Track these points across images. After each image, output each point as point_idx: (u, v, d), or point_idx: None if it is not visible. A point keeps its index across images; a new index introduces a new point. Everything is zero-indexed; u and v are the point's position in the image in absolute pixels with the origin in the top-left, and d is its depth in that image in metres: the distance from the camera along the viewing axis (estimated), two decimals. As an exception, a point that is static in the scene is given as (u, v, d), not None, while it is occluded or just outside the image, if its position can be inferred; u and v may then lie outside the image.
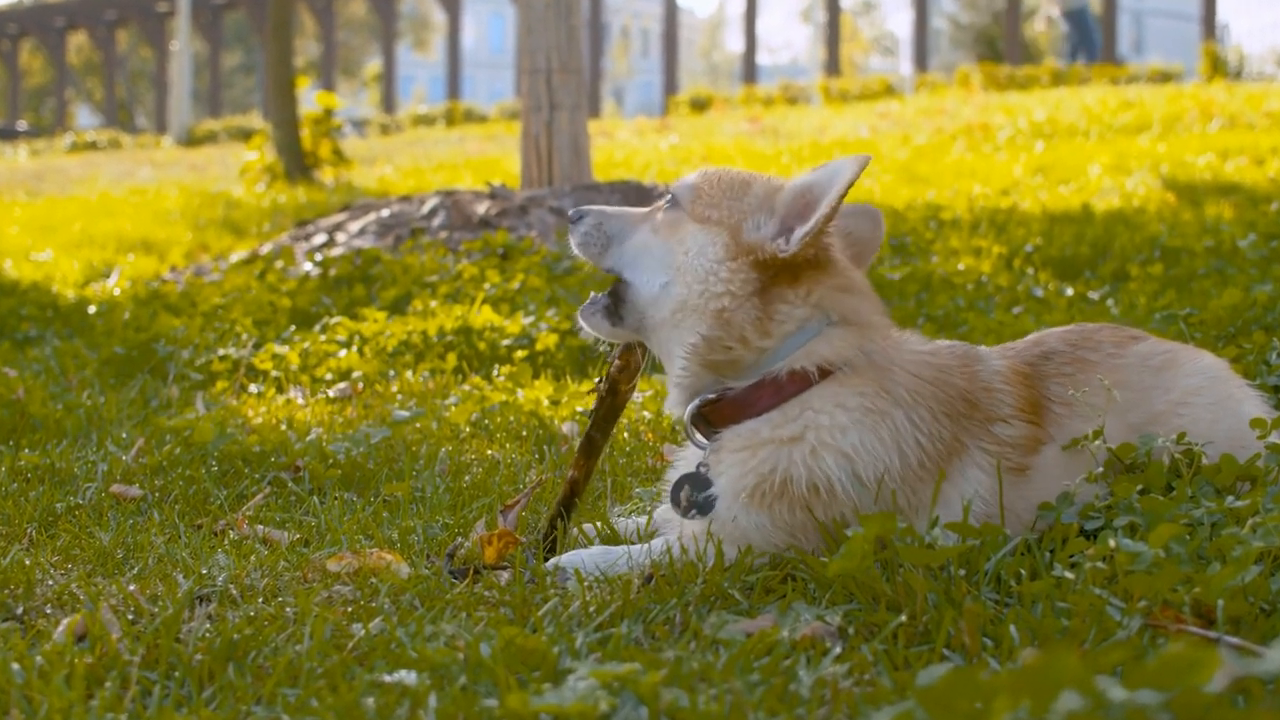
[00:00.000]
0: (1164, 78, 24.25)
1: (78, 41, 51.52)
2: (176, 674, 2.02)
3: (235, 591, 2.41)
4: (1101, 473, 2.60)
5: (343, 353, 5.26)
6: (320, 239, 8.10)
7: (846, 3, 52.62)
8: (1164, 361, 2.79)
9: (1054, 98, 18.71)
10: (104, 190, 16.53)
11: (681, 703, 1.78)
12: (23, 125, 43.20)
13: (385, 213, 8.24)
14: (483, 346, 5.27)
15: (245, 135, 22.97)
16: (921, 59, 31.61)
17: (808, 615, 2.15)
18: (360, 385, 4.94)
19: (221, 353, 5.44)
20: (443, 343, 5.29)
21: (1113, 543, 2.14)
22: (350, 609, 2.29)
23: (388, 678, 1.93)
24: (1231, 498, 2.45)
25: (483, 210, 7.89)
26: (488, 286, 6.09)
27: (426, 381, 4.87)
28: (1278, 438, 2.73)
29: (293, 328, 5.86)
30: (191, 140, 30.01)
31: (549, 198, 7.89)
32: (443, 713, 1.82)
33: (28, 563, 2.61)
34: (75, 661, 2.02)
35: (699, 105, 28.45)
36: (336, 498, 3.27)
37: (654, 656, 1.94)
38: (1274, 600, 2.07)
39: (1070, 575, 2.15)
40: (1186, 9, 52.86)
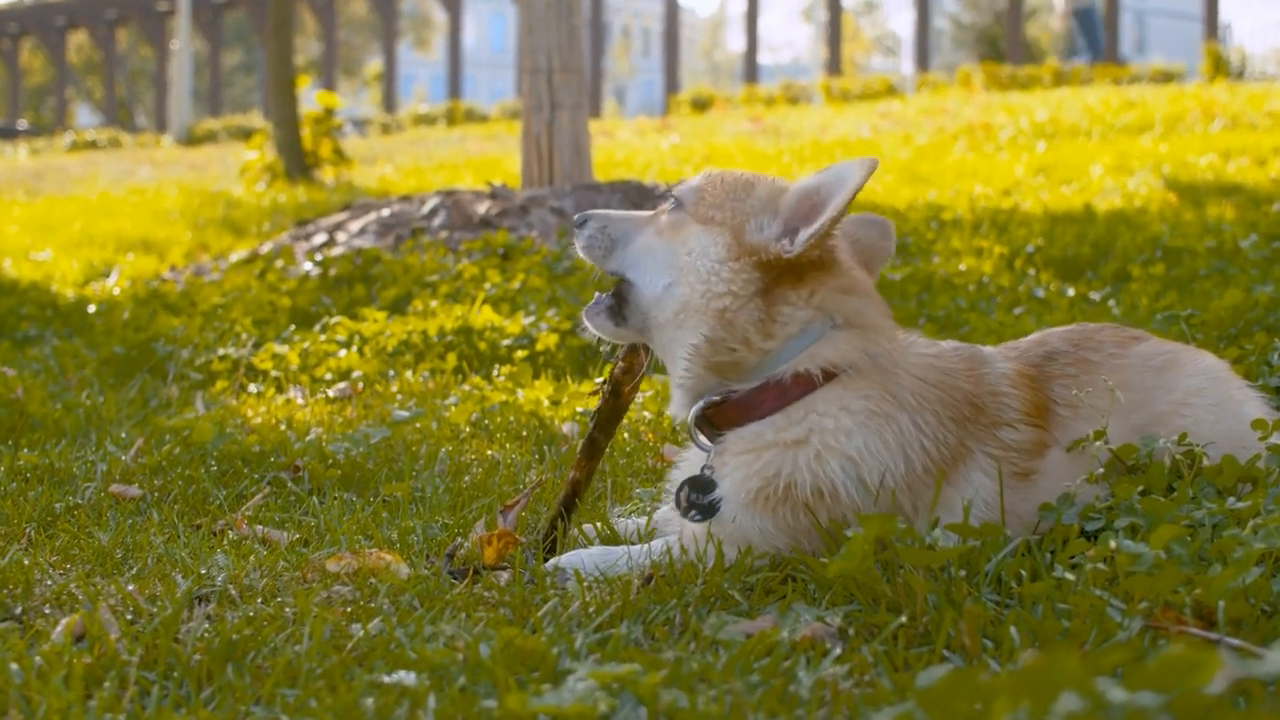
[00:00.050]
0: (1166, 78, 24.29)
1: (78, 40, 51.59)
2: (175, 674, 2.02)
3: (234, 592, 2.41)
4: (1103, 474, 2.60)
5: (343, 353, 5.25)
6: (320, 238, 8.10)
7: (848, 2, 52.66)
8: (1165, 362, 2.78)
9: (1056, 98, 18.74)
10: (104, 189, 16.56)
11: (681, 704, 1.78)
12: (23, 124, 43.26)
13: (386, 212, 8.23)
14: (483, 346, 5.26)
15: (245, 134, 23.01)
16: (923, 59, 31.64)
17: (808, 616, 2.14)
18: (360, 385, 4.93)
19: (221, 352, 5.44)
20: (443, 343, 5.28)
21: (1114, 544, 2.14)
22: (349, 609, 2.29)
23: (387, 678, 1.93)
24: (1233, 499, 2.45)
25: (483, 210, 7.89)
26: (488, 286, 6.08)
27: (426, 381, 4.87)
28: (1279, 439, 2.72)
29: (292, 327, 5.86)
30: (191, 139, 30.05)
31: (550, 197, 7.89)
32: (442, 713, 1.82)
33: (26, 563, 2.60)
34: (74, 662, 2.01)
35: (700, 105, 28.48)
36: (336, 498, 3.26)
37: (653, 657, 1.94)
38: (1275, 602, 2.07)
39: (1071, 576, 2.15)
40: (1189, 9, 52.87)
